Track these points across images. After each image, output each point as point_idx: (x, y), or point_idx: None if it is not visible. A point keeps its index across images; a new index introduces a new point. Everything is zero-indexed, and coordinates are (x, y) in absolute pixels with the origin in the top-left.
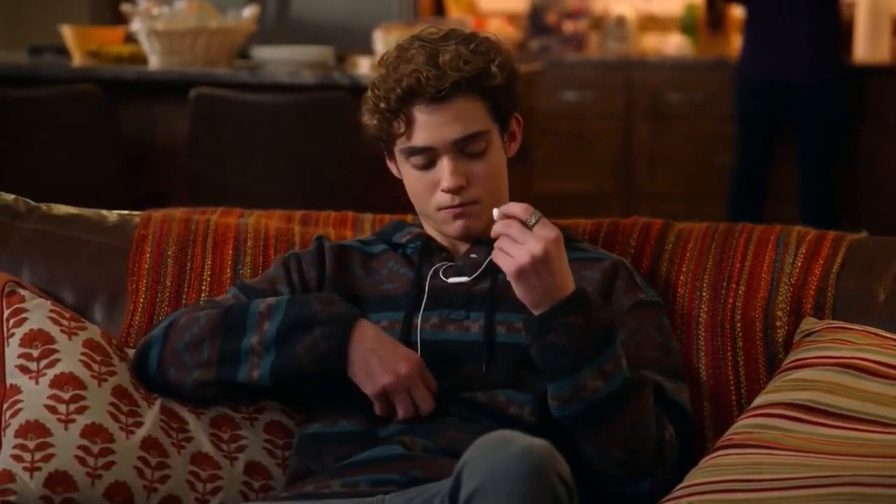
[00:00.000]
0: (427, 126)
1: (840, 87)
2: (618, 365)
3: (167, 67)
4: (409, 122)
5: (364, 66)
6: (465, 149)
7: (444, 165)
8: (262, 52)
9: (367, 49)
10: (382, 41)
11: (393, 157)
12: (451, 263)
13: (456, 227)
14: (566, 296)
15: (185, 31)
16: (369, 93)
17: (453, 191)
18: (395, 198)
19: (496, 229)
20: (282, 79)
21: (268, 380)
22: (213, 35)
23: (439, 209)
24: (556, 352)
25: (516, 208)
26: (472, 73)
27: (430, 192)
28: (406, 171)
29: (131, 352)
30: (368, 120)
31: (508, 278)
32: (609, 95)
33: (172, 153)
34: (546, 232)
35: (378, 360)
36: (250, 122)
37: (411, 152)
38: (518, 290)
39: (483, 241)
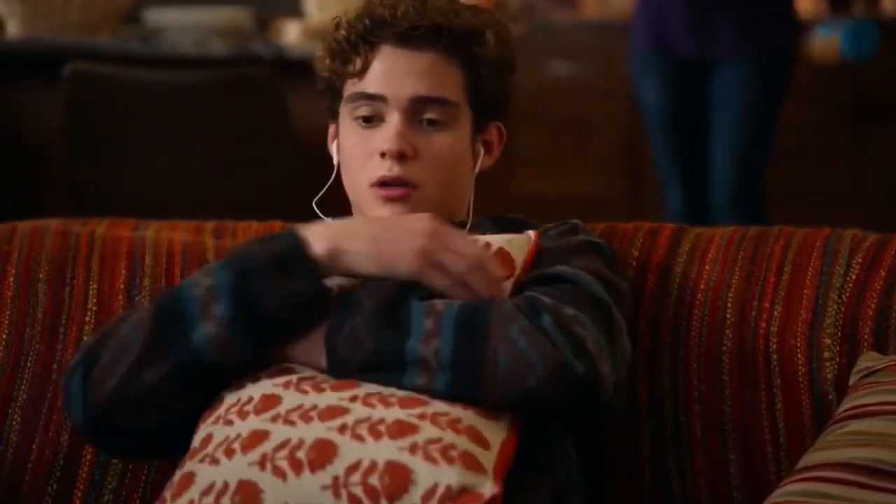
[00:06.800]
0: (386, 70)
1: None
2: None
3: (32, 35)
4: (367, 62)
5: (292, 34)
6: (422, 114)
7: (391, 124)
8: (159, 16)
9: (296, 11)
10: (315, 2)
11: (336, 121)
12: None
13: (382, 213)
14: None
15: None
16: (332, 27)
17: (393, 155)
18: (338, 199)
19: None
20: (185, 50)
21: (229, 326)
22: None
23: (371, 184)
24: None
25: None
26: (461, 29)
27: (367, 160)
28: (346, 134)
29: None
30: (321, 60)
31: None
32: (611, 68)
33: (44, 148)
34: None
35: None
36: (144, 108)
37: (358, 98)
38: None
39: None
